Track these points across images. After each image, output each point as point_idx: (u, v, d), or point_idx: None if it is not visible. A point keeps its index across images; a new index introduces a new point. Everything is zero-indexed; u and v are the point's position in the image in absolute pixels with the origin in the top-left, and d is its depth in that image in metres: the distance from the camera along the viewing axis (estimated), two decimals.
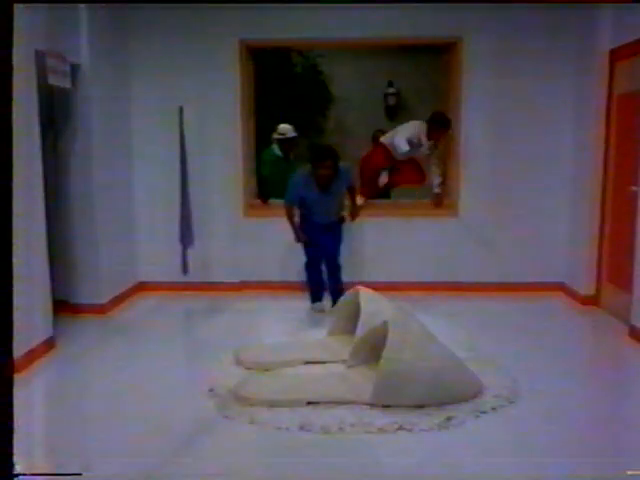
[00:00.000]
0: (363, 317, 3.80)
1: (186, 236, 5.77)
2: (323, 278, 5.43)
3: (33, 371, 4.02)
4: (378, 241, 6.04)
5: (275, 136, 6.34)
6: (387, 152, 5.97)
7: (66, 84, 4.78)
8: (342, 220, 5.42)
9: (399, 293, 5.38)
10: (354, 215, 5.48)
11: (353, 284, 4.30)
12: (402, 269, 5.88)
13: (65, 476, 2.76)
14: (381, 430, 3.17)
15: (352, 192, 5.39)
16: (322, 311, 5.31)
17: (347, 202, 5.45)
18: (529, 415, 3.39)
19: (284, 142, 6.30)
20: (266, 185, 6.29)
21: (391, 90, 8.84)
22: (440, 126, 5.74)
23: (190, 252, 5.83)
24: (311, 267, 5.42)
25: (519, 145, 5.91)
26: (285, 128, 6.31)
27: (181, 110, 5.65)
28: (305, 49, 8.17)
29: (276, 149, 6.35)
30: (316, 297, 5.44)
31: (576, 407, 3.55)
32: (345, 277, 5.37)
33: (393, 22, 5.79)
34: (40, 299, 4.33)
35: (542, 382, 3.82)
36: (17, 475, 1.98)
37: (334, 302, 5.17)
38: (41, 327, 4.33)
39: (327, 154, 5.06)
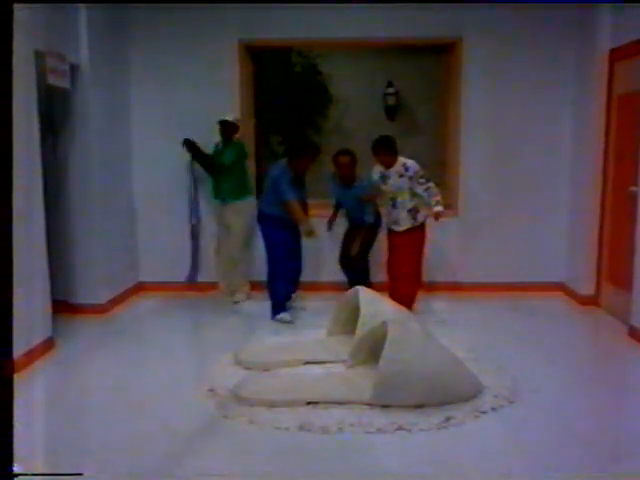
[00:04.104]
0: (363, 317, 3.81)
1: (192, 272, 5.94)
2: None
3: (33, 371, 4.02)
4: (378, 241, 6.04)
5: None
6: None
7: (66, 84, 4.78)
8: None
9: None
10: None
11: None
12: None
13: (65, 476, 2.76)
14: (380, 430, 3.17)
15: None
16: (291, 322, 5.04)
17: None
18: (529, 415, 3.39)
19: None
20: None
21: (391, 90, 8.81)
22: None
23: (189, 252, 5.85)
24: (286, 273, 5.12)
25: (519, 145, 5.92)
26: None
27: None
28: (305, 49, 8.17)
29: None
30: (285, 306, 5.15)
31: (576, 407, 3.55)
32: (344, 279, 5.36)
33: (393, 22, 5.79)
34: (39, 299, 4.33)
35: (542, 382, 3.82)
36: (17, 475, 1.98)
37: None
38: (41, 327, 4.33)
39: (315, 147, 5.12)
